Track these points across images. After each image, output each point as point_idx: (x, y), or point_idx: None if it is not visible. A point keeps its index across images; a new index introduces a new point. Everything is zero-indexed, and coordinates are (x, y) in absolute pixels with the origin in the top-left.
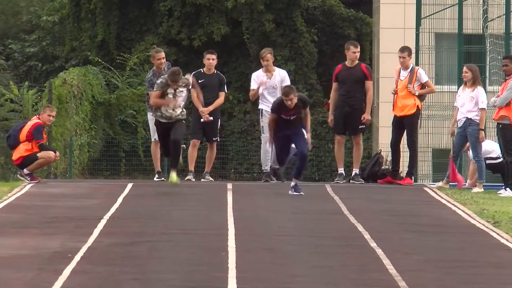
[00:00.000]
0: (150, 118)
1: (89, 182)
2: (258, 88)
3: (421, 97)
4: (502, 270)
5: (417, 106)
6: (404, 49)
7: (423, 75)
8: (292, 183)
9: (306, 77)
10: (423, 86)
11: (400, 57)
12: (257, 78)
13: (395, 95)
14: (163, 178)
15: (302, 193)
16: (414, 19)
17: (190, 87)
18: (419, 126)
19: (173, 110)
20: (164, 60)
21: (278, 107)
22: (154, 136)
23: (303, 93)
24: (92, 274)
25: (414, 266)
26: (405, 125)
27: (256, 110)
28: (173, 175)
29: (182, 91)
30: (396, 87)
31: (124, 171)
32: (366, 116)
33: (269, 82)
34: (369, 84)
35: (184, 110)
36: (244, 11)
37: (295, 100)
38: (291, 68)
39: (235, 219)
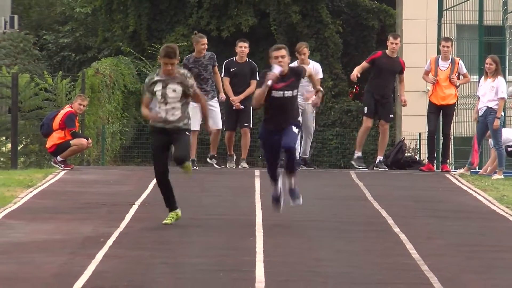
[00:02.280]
0: (191, 107)
1: (121, 169)
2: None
3: (457, 86)
4: None
5: (457, 96)
6: (448, 39)
7: (463, 67)
8: (286, 185)
9: (331, 67)
10: (459, 76)
11: (444, 46)
12: None
13: (435, 84)
14: (195, 167)
15: (299, 202)
16: (436, 10)
17: (190, 90)
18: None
19: (167, 112)
20: (206, 47)
21: (265, 76)
22: (193, 127)
23: (328, 82)
24: (124, 258)
25: (436, 250)
26: (445, 114)
27: None
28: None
29: (174, 90)
30: (437, 77)
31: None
32: (403, 97)
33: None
34: (403, 76)
35: (188, 117)
36: (271, 3)
37: (287, 60)
38: (316, 59)
39: (263, 205)
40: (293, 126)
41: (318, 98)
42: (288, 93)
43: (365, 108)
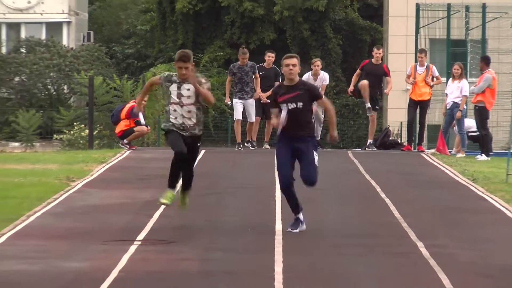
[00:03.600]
0: (234, 102)
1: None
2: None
3: (432, 85)
4: (479, 215)
5: (431, 94)
6: (423, 51)
7: (436, 71)
8: (295, 216)
9: (334, 72)
10: (433, 78)
11: (420, 56)
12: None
13: (414, 84)
14: (241, 148)
15: (296, 230)
16: (414, 28)
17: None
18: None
19: (183, 116)
20: (247, 58)
21: (274, 91)
22: (236, 117)
23: (331, 83)
24: (175, 218)
25: (414, 212)
26: (421, 107)
27: None
28: (168, 194)
29: (188, 89)
30: (415, 79)
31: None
32: (388, 91)
33: (315, 83)
34: (389, 79)
35: (201, 121)
36: (287, 22)
37: (297, 69)
38: (322, 65)
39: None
40: (313, 152)
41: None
42: (291, 106)
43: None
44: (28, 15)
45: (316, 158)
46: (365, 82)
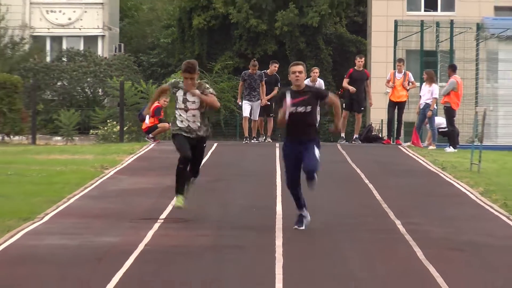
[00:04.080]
0: (243, 102)
1: None
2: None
3: (408, 89)
4: (448, 198)
5: (407, 96)
6: (400, 60)
7: (411, 77)
8: (298, 212)
9: (325, 77)
10: (409, 83)
11: (398, 64)
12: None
13: (393, 88)
14: (247, 141)
15: (303, 227)
16: (393, 41)
17: (206, 91)
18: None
19: (188, 120)
20: (256, 68)
21: (281, 94)
22: (244, 115)
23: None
24: (191, 200)
25: (393, 195)
26: (399, 107)
27: None
28: (179, 198)
29: (193, 95)
30: (394, 84)
31: (212, 136)
32: (371, 101)
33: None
34: (368, 82)
35: (207, 125)
36: (286, 36)
37: (304, 76)
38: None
39: (280, 166)
40: (314, 147)
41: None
42: (300, 109)
43: (343, 105)
44: (69, 30)
45: (317, 152)
46: (352, 88)
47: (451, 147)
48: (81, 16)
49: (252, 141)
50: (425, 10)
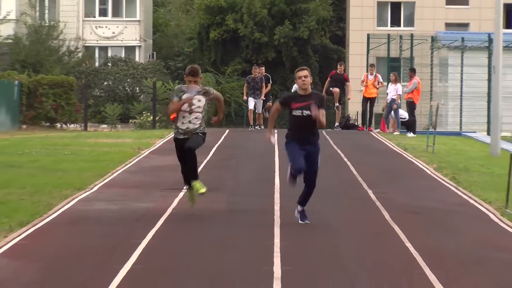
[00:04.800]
0: (249, 98)
1: (209, 129)
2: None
3: (378, 88)
4: (409, 172)
5: (377, 93)
6: (372, 65)
7: (381, 78)
8: (299, 208)
9: (313, 79)
10: (378, 83)
11: (370, 69)
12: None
13: (366, 87)
14: (252, 129)
15: (307, 221)
16: (366, 50)
17: (211, 94)
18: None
19: (190, 122)
20: (258, 72)
21: (288, 97)
22: (249, 108)
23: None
24: (209, 175)
25: (367, 171)
26: (370, 102)
27: None
28: (197, 185)
29: (199, 100)
30: (366, 83)
31: (224, 124)
32: (350, 97)
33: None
34: (348, 84)
35: (204, 126)
36: (283, 46)
37: (309, 80)
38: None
39: (278, 148)
40: (318, 154)
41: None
42: (306, 112)
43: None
44: (113, 41)
45: (319, 160)
46: (336, 90)
47: (411, 133)
48: (122, 31)
49: (256, 128)
50: (391, 26)
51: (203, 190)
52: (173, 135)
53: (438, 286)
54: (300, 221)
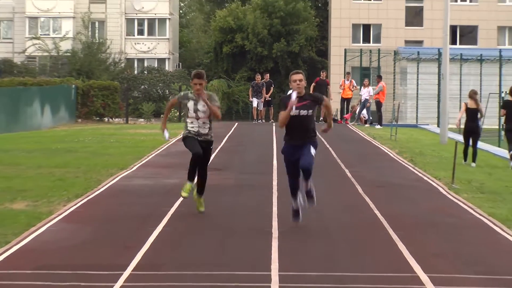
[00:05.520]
0: (253, 99)
1: (222, 123)
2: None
3: (353, 90)
4: (376, 155)
5: (352, 95)
6: (348, 73)
7: (354, 83)
8: (303, 188)
9: None
10: (353, 87)
11: (346, 76)
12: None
13: (343, 90)
14: (255, 122)
15: (313, 203)
16: (344, 61)
17: (215, 103)
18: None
19: (199, 127)
20: (260, 79)
21: (284, 99)
22: (253, 106)
23: None
24: (222, 158)
25: (346, 155)
26: (347, 102)
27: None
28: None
29: (204, 105)
30: (344, 87)
31: (235, 118)
32: (331, 97)
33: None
34: (329, 87)
35: (212, 129)
36: (279, 58)
37: (303, 83)
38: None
39: (275, 137)
40: (311, 146)
41: (328, 128)
42: (303, 112)
43: None
44: (148, 54)
45: (313, 150)
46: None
47: (378, 125)
48: (155, 46)
49: (258, 121)
50: (363, 43)
51: (184, 194)
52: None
53: (399, 243)
54: (307, 205)
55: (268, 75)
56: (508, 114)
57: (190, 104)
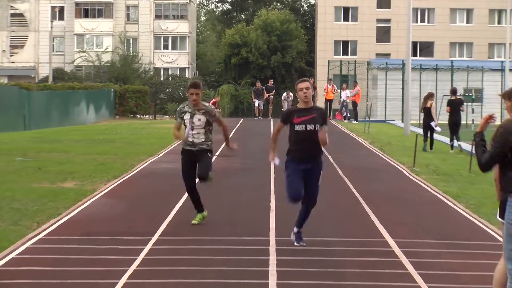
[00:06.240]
0: (255, 100)
1: (231, 118)
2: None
3: (334, 93)
4: (354, 145)
5: (334, 96)
6: (330, 79)
7: (335, 87)
8: (295, 230)
9: (293, 91)
10: (334, 90)
11: (329, 81)
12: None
13: (327, 93)
14: (257, 118)
15: (303, 243)
16: (327, 70)
17: (213, 119)
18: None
19: (193, 136)
20: (260, 85)
21: (289, 112)
22: (255, 105)
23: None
24: (225, 159)
25: (328, 145)
26: (330, 102)
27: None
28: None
29: (199, 119)
30: (327, 91)
31: (240, 115)
32: (317, 99)
33: (289, 99)
34: (316, 90)
35: (211, 140)
36: (276, 68)
37: (311, 92)
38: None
39: (272, 130)
40: (320, 173)
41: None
42: (310, 127)
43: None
44: (172, 65)
45: (320, 179)
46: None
47: (355, 121)
48: (178, 58)
49: (259, 118)
50: (342, 55)
51: (194, 221)
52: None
53: (372, 215)
54: (295, 243)
55: (272, 81)
56: (452, 110)
57: (187, 116)
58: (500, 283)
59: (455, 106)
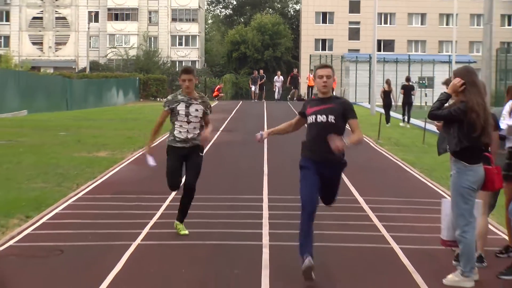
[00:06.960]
0: (251, 86)
1: (232, 101)
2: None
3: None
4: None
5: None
6: (312, 70)
7: None
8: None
9: (284, 78)
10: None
11: (311, 72)
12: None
13: (309, 81)
14: (252, 101)
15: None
16: (309, 63)
17: (209, 111)
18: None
19: (188, 131)
20: (256, 74)
21: (305, 102)
22: (252, 90)
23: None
24: (232, 124)
25: None
26: (311, 88)
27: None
28: (179, 226)
29: (196, 109)
30: (309, 79)
31: (240, 98)
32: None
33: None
34: (299, 79)
35: (199, 135)
36: (268, 61)
37: (331, 82)
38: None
39: (266, 111)
40: (340, 172)
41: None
42: (321, 118)
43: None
44: (185, 58)
45: (339, 182)
46: (295, 90)
47: None
48: (190, 53)
49: (254, 100)
50: (321, 51)
51: (185, 231)
52: (216, 102)
53: (346, 179)
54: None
55: (262, 71)
56: (405, 93)
57: (181, 106)
58: (480, 237)
59: (408, 90)
